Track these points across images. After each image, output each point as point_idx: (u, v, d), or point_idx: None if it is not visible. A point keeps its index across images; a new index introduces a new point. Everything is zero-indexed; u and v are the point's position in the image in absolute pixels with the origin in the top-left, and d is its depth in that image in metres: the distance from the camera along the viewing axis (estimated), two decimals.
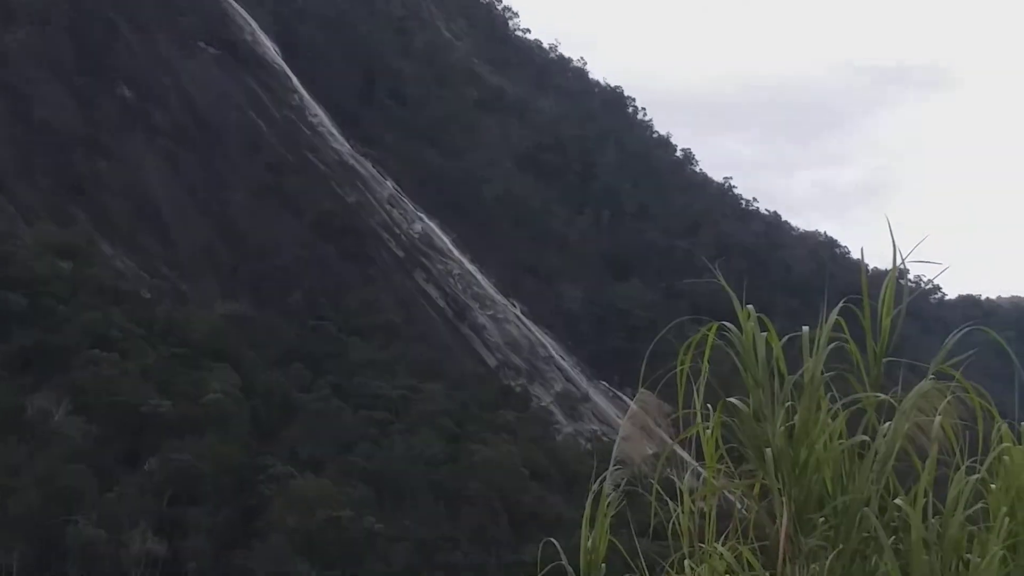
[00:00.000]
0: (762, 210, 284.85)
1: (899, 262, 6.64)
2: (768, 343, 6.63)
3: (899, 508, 6.23)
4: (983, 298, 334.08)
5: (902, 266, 6.61)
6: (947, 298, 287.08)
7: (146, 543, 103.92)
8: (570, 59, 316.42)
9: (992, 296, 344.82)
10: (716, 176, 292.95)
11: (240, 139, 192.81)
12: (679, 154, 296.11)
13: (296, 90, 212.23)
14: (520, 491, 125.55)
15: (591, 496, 7.07)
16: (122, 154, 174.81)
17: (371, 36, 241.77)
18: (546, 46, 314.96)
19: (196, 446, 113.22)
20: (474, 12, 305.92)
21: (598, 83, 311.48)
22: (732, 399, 6.61)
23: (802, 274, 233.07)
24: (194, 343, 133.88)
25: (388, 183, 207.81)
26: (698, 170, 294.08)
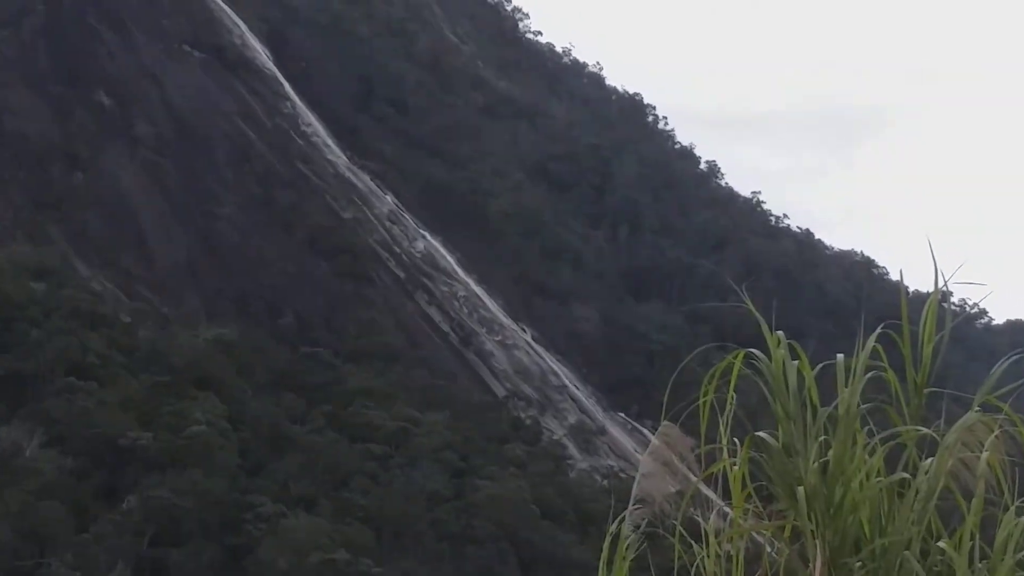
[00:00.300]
0: (793, 227, 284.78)
1: (941, 284, 6.64)
2: (800, 372, 6.63)
3: (942, 552, 6.22)
4: None
5: (945, 288, 6.61)
6: (994, 323, 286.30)
7: None
8: (585, 64, 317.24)
9: None
10: (743, 190, 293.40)
11: (228, 150, 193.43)
12: (703, 166, 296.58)
13: (288, 97, 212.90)
14: (530, 531, 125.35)
15: (609, 537, 7.06)
16: (101, 167, 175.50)
17: (369, 39, 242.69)
18: (559, 50, 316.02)
19: (179, 482, 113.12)
20: (481, 13, 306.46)
21: (615, 89, 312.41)
22: (761, 433, 6.61)
23: (836, 296, 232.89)
24: (177, 370, 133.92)
25: (387, 197, 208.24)
26: (723, 183, 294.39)
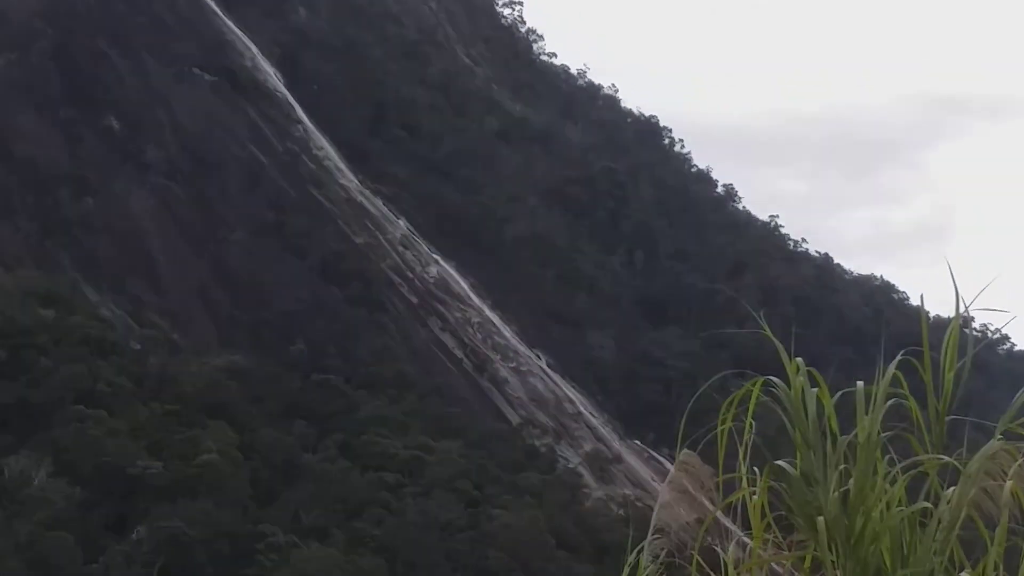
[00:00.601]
0: (812, 251, 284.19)
1: (963, 309, 6.63)
2: (819, 399, 6.62)
3: None
4: None
5: (966, 314, 6.60)
6: (1016, 349, 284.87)
7: None
8: (600, 86, 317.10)
9: None
10: (761, 214, 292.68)
11: (239, 174, 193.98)
12: (720, 190, 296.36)
13: (300, 120, 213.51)
14: (546, 561, 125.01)
15: (627, 569, 7.05)
16: (110, 192, 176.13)
17: (382, 62, 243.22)
18: (574, 72, 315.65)
19: (189, 511, 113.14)
20: (495, 35, 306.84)
21: (631, 112, 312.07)
22: (780, 461, 6.60)
23: (856, 322, 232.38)
24: (187, 398, 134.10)
25: (400, 222, 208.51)
26: (741, 207, 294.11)
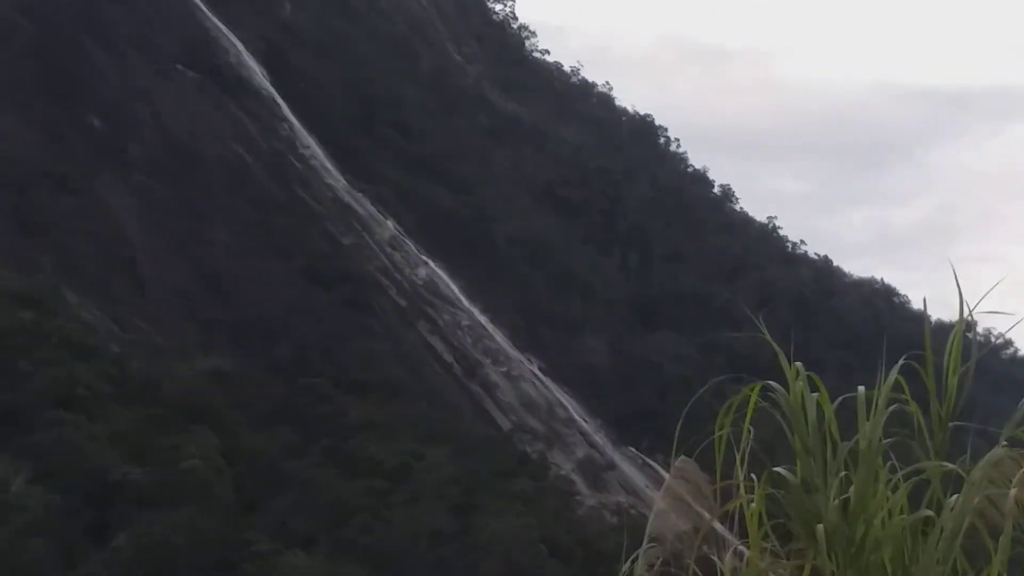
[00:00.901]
0: (811, 254, 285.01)
1: (966, 313, 6.63)
2: (818, 405, 6.61)
3: None
4: None
5: (969, 318, 6.60)
6: (1020, 354, 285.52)
7: None
8: (594, 84, 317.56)
9: None
10: (759, 215, 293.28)
11: (223, 173, 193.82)
12: (717, 190, 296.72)
13: (286, 118, 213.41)
14: (537, 570, 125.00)
15: None
16: (91, 191, 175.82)
17: (370, 59, 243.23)
18: (567, 69, 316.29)
19: (171, 518, 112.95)
20: (486, 32, 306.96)
21: (625, 110, 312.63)
22: (778, 468, 6.59)
23: (856, 326, 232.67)
24: (170, 402, 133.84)
25: (388, 223, 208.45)
26: (738, 208, 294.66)
